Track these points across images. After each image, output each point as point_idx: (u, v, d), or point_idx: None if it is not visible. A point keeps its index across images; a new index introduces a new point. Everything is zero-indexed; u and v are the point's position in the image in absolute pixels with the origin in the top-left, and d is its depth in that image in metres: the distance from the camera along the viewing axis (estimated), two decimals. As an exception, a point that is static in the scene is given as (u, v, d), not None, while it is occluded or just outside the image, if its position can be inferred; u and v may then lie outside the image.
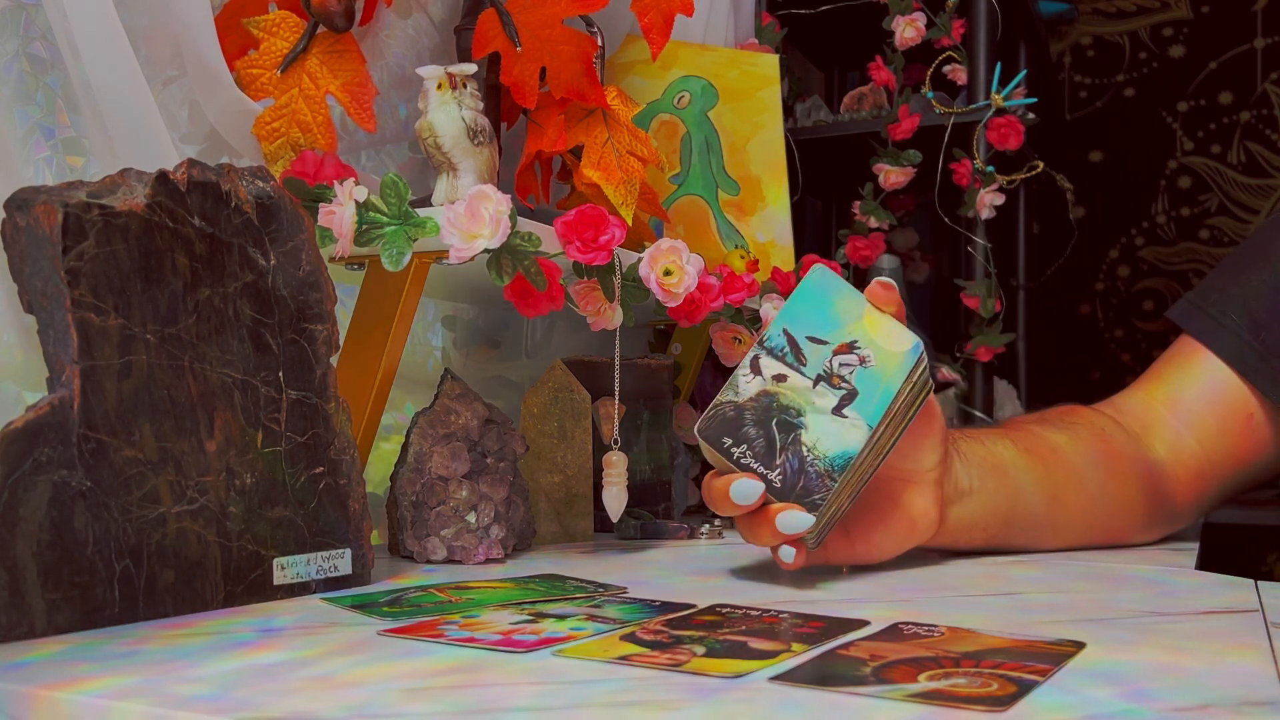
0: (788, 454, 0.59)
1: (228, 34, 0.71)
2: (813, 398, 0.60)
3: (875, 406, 0.60)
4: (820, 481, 0.58)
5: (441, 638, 0.47)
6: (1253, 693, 0.39)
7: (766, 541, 0.59)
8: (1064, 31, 2.25)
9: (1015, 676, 0.40)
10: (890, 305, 0.63)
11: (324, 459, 0.59)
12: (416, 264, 0.68)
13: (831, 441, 0.59)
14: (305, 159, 0.68)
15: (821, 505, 0.58)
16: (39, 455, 0.47)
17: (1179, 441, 0.81)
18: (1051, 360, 2.14)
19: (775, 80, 1.08)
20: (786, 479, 0.59)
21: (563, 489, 0.83)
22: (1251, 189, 2.11)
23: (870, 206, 1.25)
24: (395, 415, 0.94)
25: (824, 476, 0.58)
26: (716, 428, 0.60)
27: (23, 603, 0.46)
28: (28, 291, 0.51)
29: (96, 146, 0.66)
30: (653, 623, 0.50)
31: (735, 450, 0.59)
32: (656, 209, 0.93)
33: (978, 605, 0.56)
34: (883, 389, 0.60)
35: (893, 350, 0.61)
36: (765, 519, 0.58)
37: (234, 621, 0.51)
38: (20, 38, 0.66)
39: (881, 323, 0.62)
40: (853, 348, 0.61)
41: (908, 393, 0.61)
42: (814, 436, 0.59)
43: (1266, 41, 2.10)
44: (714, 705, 0.37)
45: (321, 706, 0.37)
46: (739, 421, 0.60)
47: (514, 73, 0.77)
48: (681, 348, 1.07)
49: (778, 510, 0.58)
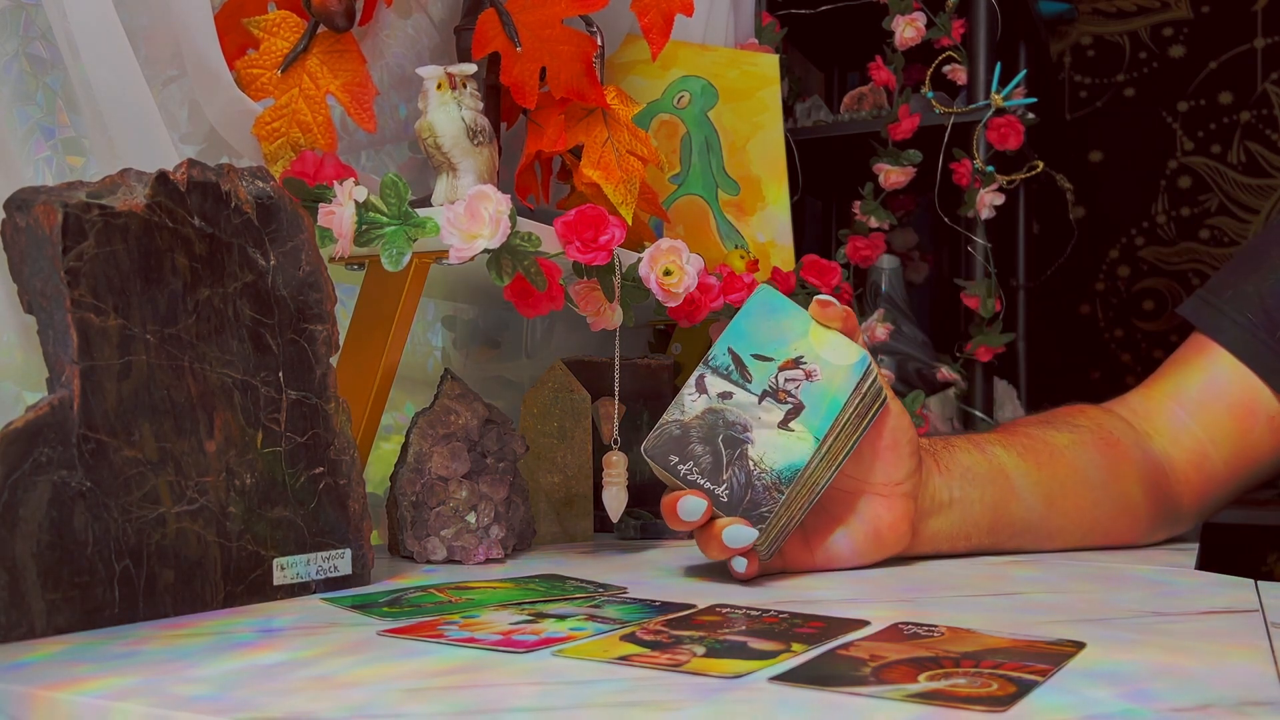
0: (734, 469, 0.60)
1: (228, 34, 0.71)
2: (759, 413, 0.61)
3: (822, 419, 0.61)
4: (767, 494, 0.59)
5: (441, 638, 0.47)
6: (1253, 693, 0.39)
7: (717, 555, 0.60)
8: (1064, 31, 2.25)
9: (1015, 676, 0.40)
10: (835, 320, 0.64)
11: (324, 459, 0.59)
12: (416, 264, 0.68)
13: (778, 455, 0.60)
14: (305, 159, 0.68)
15: (770, 517, 0.59)
16: (39, 455, 0.47)
17: (1184, 431, 0.79)
18: (1051, 360, 2.14)
19: (775, 80, 1.08)
20: (733, 493, 0.59)
21: (563, 489, 0.83)
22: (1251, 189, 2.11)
23: (870, 206, 1.25)
24: (395, 415, 0.94)
25: (771, 489, 0.59)
26: (663, 446, 0.61)
27: (23, 603, 0.46)
28: (28, 291, 0.51)
29: (96, 146, 0.66)
30: (653, 623, 0.50)
31: (682, 467, 0.60)
32: (656, 209, 0.93)
33: (978, 605, 0.56)
34: (829, 402, 0.61)
35: (839, 364, 0.62)
36: (713, 533, 0.59)
37: (234, 622, 0.51)
38: (20, 38, 0.66)
39: (827, 338, 0.63)
40: (798, 363, 0.62)
41: (857, 404, 0.62)
42: (760, 450, 0.60)
43: (1266, 41, 2.10)
44: (714, 705, 0.37)
45: (321, 707, 0.37)
46: (685, 439, 0.61)
47: (514, 73, 0.77)
48: (681, 348, 1.07)
49: (723, 525, 0.59)
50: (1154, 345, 2.17)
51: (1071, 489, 0.74)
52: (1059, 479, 0.73)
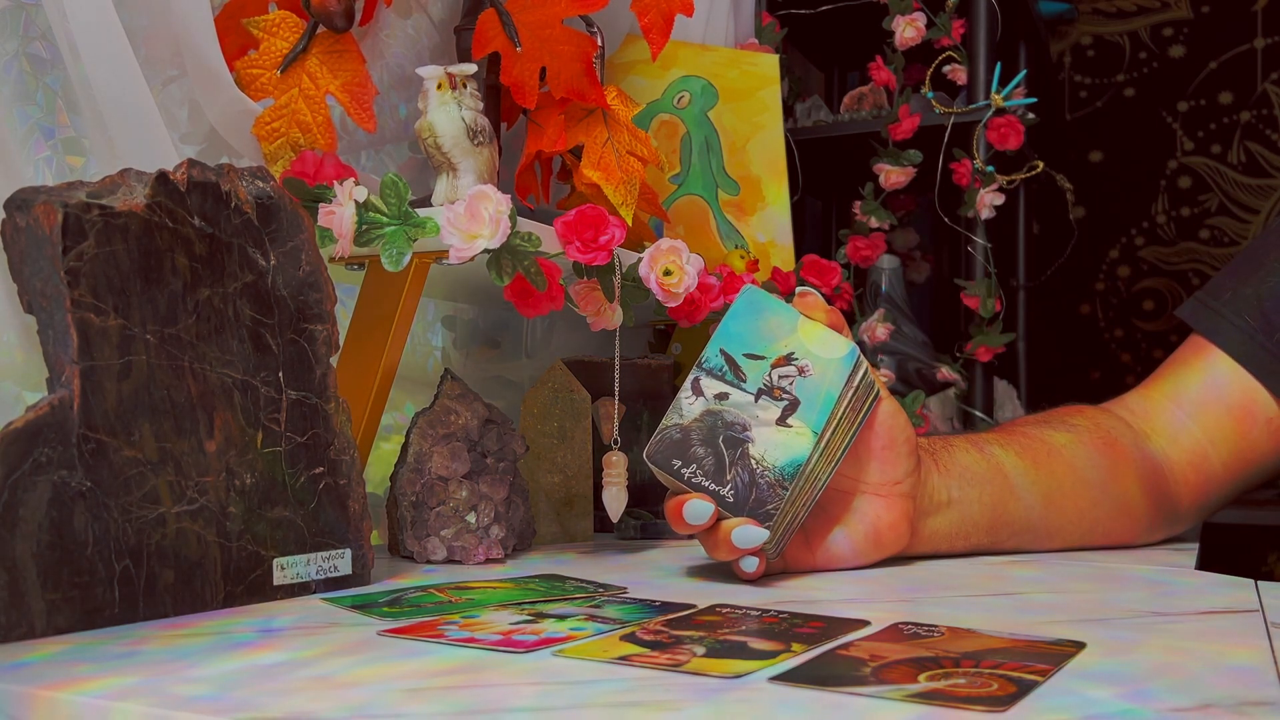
0: (737, 469, 0.60)
1: (228, 34, 0.71)
2: (756, 411, 0.61)
3: (818, 413, 0.61)
4: (772, 491, 0.59)
5: (441, 638, 0.47)
6: (1253, 693, 0.39)
7: (725, 556, 0.60)
8: (1064, 31, 2.25)
9: (1015, 676, 0.40)
10: (818, 312, 0.64)
11: (324, 459, 0.59)
12: (416, 264, 0.68)
13: (779, 451, 0.60)
14: (305, 159, 0.68)
15: (776, 515, 0.59)
16: (39, 455, 0.47)
17: (1183, 431, 0.80)
18: (1051, 360, 2.14)
19: (775, 80, 1.08)
20: (739, 493, 0.60)
21: (563, 489, 0.83)
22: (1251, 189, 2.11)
23: (870, 206, 1.25)
24: (395, 415, 0.94)
25: (775, 486, 0.60)
26: (665, 451, 0.61)
27: (23, 603, 0.46)
28: (28, 291, 0.51)
29: (96, 146, 0.66)
30: (653, 623, 0.50)
31: (685, 471, 0.60)
32: (656, 209, 0.93)
33: (978, 605, 0.56)
34: (824, 395, 0.61)
35: (829, 357, 0.63)
36: (721, 535, 0.59)
37: (234, 622, 0.51)
38: (20, 38, 0.66)
39: (816, 332, 0.63)
40: (790, 359, 0.63)
41: (850, 397, 0.62)
42: (761, 449, 0.60)
43: (1266, 41, 2.10)
44: (714, 705, 0.37)
45: (321, 707, 0.37)
46: (686, 442, 0.61)
47: (514, 73, 0.77)
48: (681, 348, 1.07)
49: (731, 526, 0.59)
50: (1154, 345, 2.17)
51: (1070, 488, 0.74)
52: (1057, 478, 0.73)
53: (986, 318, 1.21)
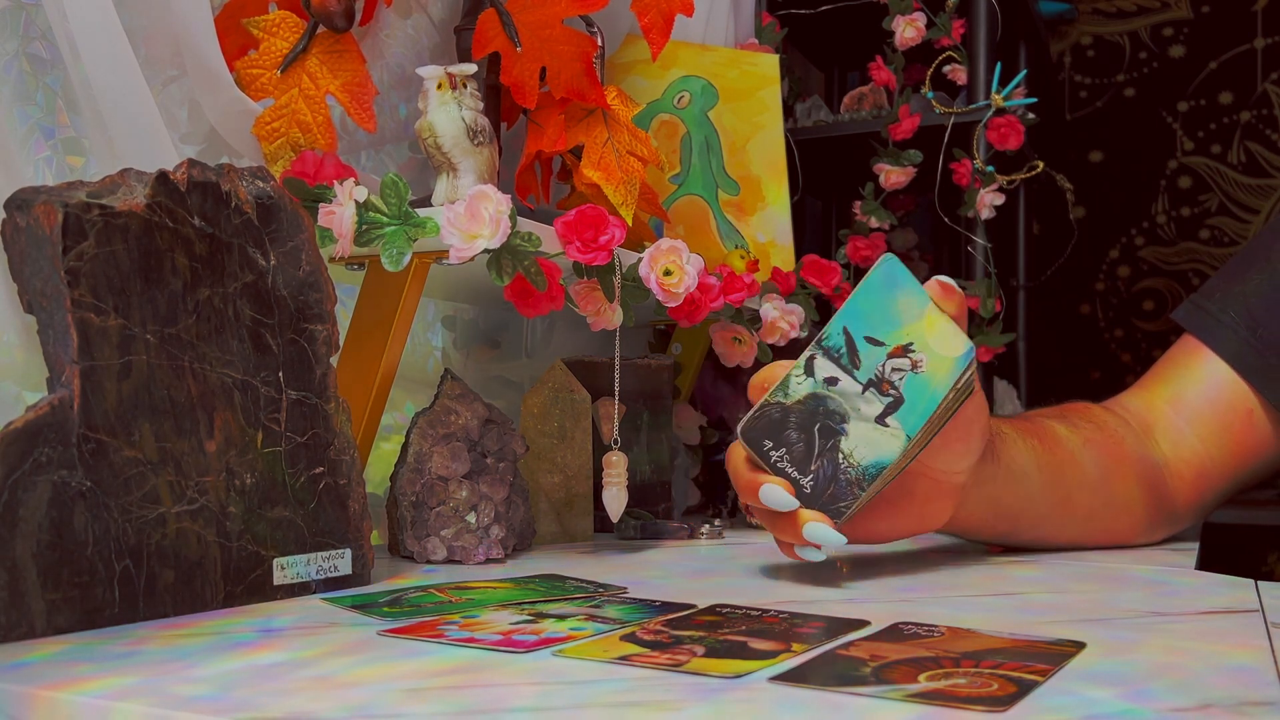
0: (824, 460, 0.60)
1: (228, 34, 0.71)
2: (859, 404, 0.60)
3: (918, 416, 0.60)
4: (849, 489, 0.59)
5: (441, 638, 0.47)
6: (1253, 693, 0.39)
7: (787, 538, 0.60)
8: (1064, 31, 2.25)
9: (1015, 676, 0.40)
10: (951, 304, 0.62)
11: (324, 459, 0.59)
12: (416, 264, 0.68)
13: (868, 450, 0.60)
14: (305, 159, 0.68)
15: (847, 513, 0.59)
16: (39, 455, 0.47)
17: (1182, 440, 0.81)
18: (1051, 360, 2.14)
19: (775, 80, 1.08)
20: (817, 484, 0.59)
21: (563, 489, 0.83)
22: (1251, 189, 2.11)
23: (870, 206, 1.25)
24: (395, 415, 0.94)
25: (854, 484, 0.59)
26: (760, 430, 0.60)
27: (23, 603, 0.46)
28: (28, 291, 0.51)
29: (96, 146, 0.66)
30: (653, 623, 0.50)
31: (774, 454, 0.60)
32: (656, 209, 0.93)
33: (978, 605, 0.56)
34: (928, 397, 0.60)
35: (945, 355, 0.61)
36: (792, 522, 0.59)
37: (234, 622, 0.51)
38: (20, 38, 0.66)
39: (939, 324, 0.62)
40: (907, 351, 0.61)
41: (951, 399, 0.61)
42: (852, 444, 0.60)
43: (1266, 41, 2.10)
44: (714, 705, 0.37)
45: (321, 707, 0.37)
46: (783, 424, 0.60)
47: (514, 73, 0.77)
48: (681, 348, 1.07)
49: (808, 518, 0.58)
50: (1154, 345, 2.16)
51: (1080, 487, 0.74)
52: (1070, 477, 0.74)
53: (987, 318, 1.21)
